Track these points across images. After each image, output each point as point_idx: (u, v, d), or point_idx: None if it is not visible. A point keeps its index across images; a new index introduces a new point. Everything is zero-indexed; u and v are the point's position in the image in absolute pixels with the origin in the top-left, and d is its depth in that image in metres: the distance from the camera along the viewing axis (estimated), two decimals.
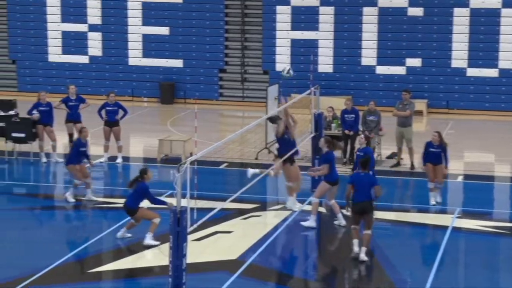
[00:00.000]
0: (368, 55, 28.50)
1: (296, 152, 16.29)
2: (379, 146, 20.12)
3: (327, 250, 14.24)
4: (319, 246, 14.42)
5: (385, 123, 20.18)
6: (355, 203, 13.32)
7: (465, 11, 27.97)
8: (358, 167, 14.26)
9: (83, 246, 13.53)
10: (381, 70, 28.47)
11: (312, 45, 28.48)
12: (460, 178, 18.26)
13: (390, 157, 20.25)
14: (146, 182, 13.75)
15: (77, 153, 16.19)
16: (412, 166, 19.44)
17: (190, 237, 11.86)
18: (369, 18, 28.47)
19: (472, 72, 27.95)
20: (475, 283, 12.66)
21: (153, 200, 13.67)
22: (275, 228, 14.88)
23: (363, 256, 13.07)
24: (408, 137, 19.53)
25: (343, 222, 14.92)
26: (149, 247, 13.48)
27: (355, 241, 13.35)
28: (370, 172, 13.97)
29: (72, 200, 16.15)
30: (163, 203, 13.72)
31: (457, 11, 28.04)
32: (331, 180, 14.92)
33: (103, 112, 19.71)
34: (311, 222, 14.82)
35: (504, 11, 27.79)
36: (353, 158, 19.85)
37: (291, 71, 16.94)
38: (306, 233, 14.81)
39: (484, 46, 27.79)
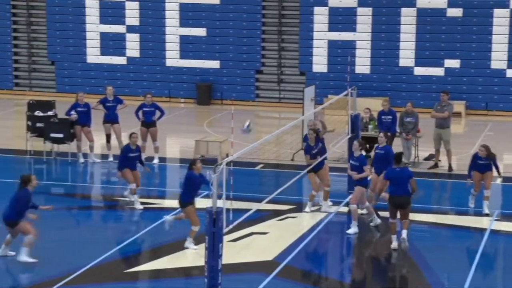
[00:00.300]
0: (406, 56, 28.28)
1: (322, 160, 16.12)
2: (416, 148, 19.95)
3: (363, 252, 14.14)
4: (355, 248, 14.33)
5: (423, 125, 20.01)
6: (393, 196, 13.60)
7: (505, 12, 27.63)
8: (376, 163, 15.27)
9: (119, 246, 13.60)
10: (419, 71, 28.23)
11: (350, 46, 28.35)
12: (498, 181, 18.03)
13: (427, 159, 20.07)
14: (195, 173, 13.68)
15: (126, 158, 16.09)
16: (450, 168, 19.24)
17: (225, 238, 11.85)
18: (407, 19, 28.26)
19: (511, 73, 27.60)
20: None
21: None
22: (311, 229, 14.82)
23: (404, 236, 13.53)
24: (446, 139, 19.34)
25: (378, 220, 14.85)
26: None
27: (394, 237, 13.69)
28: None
29: (140, 207, 15.93)
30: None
31: (496, 12, 27.71)
32: (365, 183, 14.87)
33: (140, 113, 19.81)
34: (354, 229, 14.64)
35: None
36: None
37: (250, 126, 17.03)
38: (342, 234, 14.72)
39: None
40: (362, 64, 28.53)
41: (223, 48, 29.39)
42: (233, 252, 13.24)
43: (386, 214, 14.24)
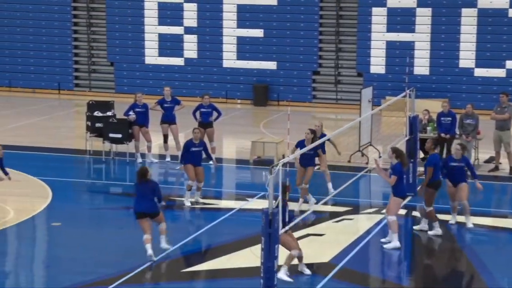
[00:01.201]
0: (466, 57, 27.88)
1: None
2: (476, 150, 19.64)
3: (420, 254, 13.96)
4: (413, 250, 14.15)
5: (483, 127, 19.69)
6: (435, 180, 14.38)
7: None
8: (452, 175, 15.00)
9: (176, 246, 13.66)
10: (479, 72, 27.79)
11: (408, 47, 28.06)
12: None
13: (488, 161, 19.74)
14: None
15: (188, 152, 16.24)
16: (511, 171, 18.88)
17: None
18: (468, 20, 27.85)
19: None
20: None
21: None
22: (368, 231, 14.69)
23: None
24: (507, 141, 19.00)
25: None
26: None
27: (436, 223, 14.28)
28: None
29: (188, 204, 16.06)
30: None
31: None
32: (399, 195, 13.88)
33: (197, 114, 19.92)
34: (394, 243, 13.80)
35: None
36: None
37: None
38: (398, 236, 14.54)
39: None
40: (421, 65, 28.20)
41: (280, 49, 29.37)
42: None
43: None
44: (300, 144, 15.86)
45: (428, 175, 14.40)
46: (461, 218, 15.03)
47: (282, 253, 11.57)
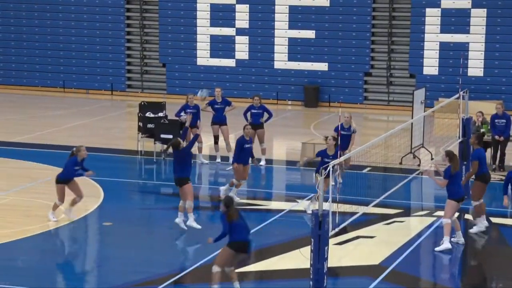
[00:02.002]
0: None
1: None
2: None
3: (473, 258, 13.75)
4: (464, 254, 13.94)
5: None
6: (482, 173, 14.41)
7: None
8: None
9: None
10: None
11: (462, 48, 27.68)
12: None
13: None
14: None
15: (241, 149, 16.33)
16: None
17: (331, 241, 11.76)
18: None
19: None
20: None
21: None
22: (419, 234, 14.53)
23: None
24: None
25: (461, 240, 14.10)
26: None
27: (481, 218, 14.39)
28: None
29: (237, 198, 16.05)
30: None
31: None
32: (454, 197, 13.74)
33: (248, 115, 19.94)
34: (445, 245, 13.71)
35: None
36: (503, 164, 19.14)
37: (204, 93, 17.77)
38: (451, 240, 14.36)
39: None
40: (475, 67, 27.80)
41: (332, 50, 29.25)
42: (339, 255, 13.12)
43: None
44: (322, 154, 15.68)
45: (472, 169, 14.41)
46: None
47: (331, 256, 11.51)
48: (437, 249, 13.70)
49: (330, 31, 29.33)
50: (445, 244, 13.66)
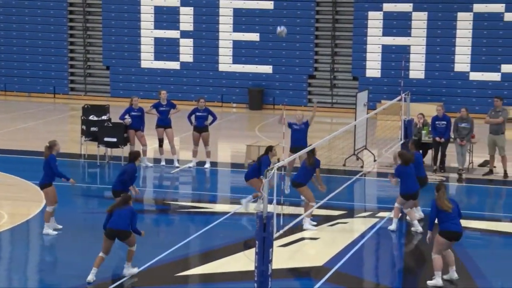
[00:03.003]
0: (461, 61, 27.94)
1: None
2: (471, 154, 19.67)
3: (414, 258, 13.97)
4: (406, 254, 14.17)
5: (478, 131, 19.71)
6: (421, 177, 15.06)
7: None
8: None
9: (170, 250, 13.66)
10: (474, 76, 27.87)
11: (404, 51, 28.11)
12: None
13: (482, 165, 19.77)
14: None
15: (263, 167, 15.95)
16: (505, 175, 18.92)
17: (276, 243, 11.84)
18: (463, 24, 27.94)
19: None
20: None
21: None
22: (362, 235, 14.71)
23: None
24: (501, 145, 19.03)
25: (419, 229, 14.64)
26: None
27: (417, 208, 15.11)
28: None
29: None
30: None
31: None
32: (402, 192, 14.64)
33: (192, 118, 19.93)
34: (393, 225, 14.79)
35: None
36: (443, 165, 19.48)
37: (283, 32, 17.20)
38: (393, 241, 14.58)
39: None
40: (417, 69, 28.26)
41: (276, 53, 29.42)
42: (283, 257, 13.20)
43: None
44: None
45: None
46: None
47: (277, 257, 11.58)
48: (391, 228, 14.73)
49: (274, 34, 29.37)
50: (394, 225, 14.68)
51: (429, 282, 12.27)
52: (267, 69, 29.56)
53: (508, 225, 15.80)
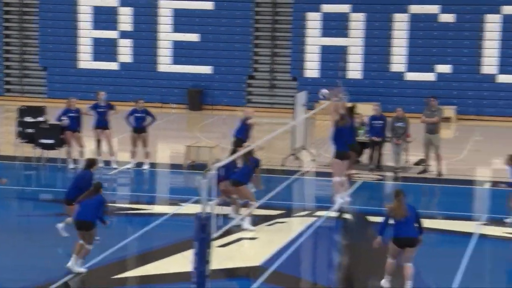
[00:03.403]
0: (398, 62, 28.36)
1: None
2: (406, 153, 19.98)
3: (351, 257, 14.14)
4: (343, 253, 14.33)
5: (414, 130, 20.03)
6: (340, 151, 15.48)
7: (497, 18, 27.72)
8: None
9: (108, 252, 13.56)
10: (410, 76, 28.30)
11: (342, 51, 28.41)
12: (487, 185, 18.06)
13: (417, 163, 20.10)
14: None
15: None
16: (440, 173, 19.28)
17: (214, 243, 11.85)
18: (400, 25, 28.35)
19: (502, 78, 27.68)
20: None
21: None
22: (300, 234, 14.82)
23: None
24: (436, 144, 19.37)
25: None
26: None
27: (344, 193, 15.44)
28: None
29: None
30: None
31: (488, 17, 27.81)
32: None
33: (131, 119, 19.81)
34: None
35: None
36: (380, 164, 19.74)
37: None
38: (331, 239, 14.73)
39: None
40: (354, 70, 28.58)
41: (216, 53, 29.43)
42: (222, 257, 13.22)
43: None
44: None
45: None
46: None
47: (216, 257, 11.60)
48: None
49: (214, 35, 29.50)
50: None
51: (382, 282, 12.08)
52: (207, 69, 29.55)
53: (442, 222, 16.10)
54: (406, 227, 11.68)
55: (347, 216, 15.40)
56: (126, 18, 29.95)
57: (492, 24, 27.72)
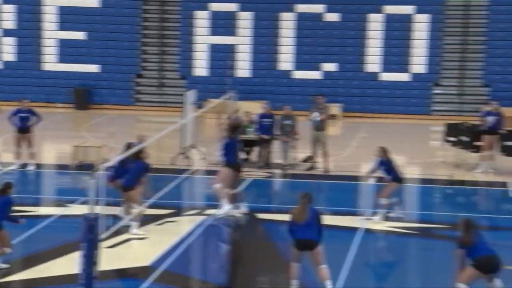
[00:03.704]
0: (285, 60, 28.77)
1: None
2: (294, 150, 20.30)
3: (239, 255, 14.26)
4: (233, 252, 14.43)
5: (301, 127, 20.36)
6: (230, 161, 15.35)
7: (379, 17, 28.53)
8: None
9: None
10: (297, 74, 28.76)
11: (231, 50, 28.58)
12: (372, 180, 18.53)
13: (305, 160, 20.45)
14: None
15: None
16: (327, 169, 19.68)
17: (103, 244, 11.72)
18: (287, 24, 28.77)
19: (385, 76, 28.52)
20: (386, 284, 12.88)
21: None
22: (190, 233, 14.83)
23: None
24: (323, 141, 19.77)
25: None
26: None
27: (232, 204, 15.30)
28: None
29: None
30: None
31: (372, 17, 28.58)
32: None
33: (15, 119, 19.33)
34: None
35: (417, 17, 28.45)
36: (268, 162, 19.99)
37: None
38: (221, 238, 14.81)
39: (397, 51, 28.39)
40: (243, 68, 28.81)
41: (103, 52, 29.06)
42: (110, 258, 13.07)
43: None
44: None
45: None
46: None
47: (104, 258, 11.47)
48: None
49: (102, 33, 29.11)
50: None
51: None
52: (94, 68, 29.12)
53: (328, 217, 16.39)
54: (306, 230, 11.62)
55: (236, 214, 15.51)
56: (9, 15, 29.18)
57: (375, 23, 28.52)
